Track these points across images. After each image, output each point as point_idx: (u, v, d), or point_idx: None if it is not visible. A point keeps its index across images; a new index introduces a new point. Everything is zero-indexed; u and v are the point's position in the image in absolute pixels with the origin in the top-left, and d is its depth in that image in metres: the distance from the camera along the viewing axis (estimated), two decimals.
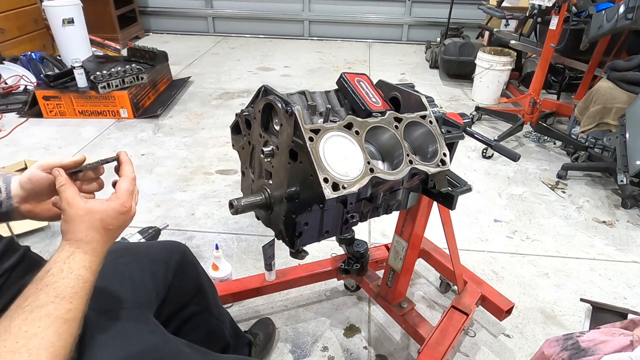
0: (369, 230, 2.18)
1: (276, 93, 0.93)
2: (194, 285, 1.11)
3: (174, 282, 1.03)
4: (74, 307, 0.59)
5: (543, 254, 2.06)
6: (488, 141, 1.17)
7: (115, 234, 0.71)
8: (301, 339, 1.59)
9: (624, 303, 1.78)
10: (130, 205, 0.72)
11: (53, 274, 0.60)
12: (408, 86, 1.14)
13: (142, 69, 3.34)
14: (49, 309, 0.56)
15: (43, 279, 0.60)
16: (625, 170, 2.30)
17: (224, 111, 3.52)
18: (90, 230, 0.66)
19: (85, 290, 0.62)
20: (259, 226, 2.13)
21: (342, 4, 5.64)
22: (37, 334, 0.53)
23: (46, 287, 0.58)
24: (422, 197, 1.21)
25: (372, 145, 1.00)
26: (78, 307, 0.60)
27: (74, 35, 3.88)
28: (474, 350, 1.57)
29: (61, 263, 0.62)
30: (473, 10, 4.97)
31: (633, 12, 2.46)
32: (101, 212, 0.68)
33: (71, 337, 0.58)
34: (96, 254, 0.67)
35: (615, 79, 2.56)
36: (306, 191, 0.88)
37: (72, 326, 0.58)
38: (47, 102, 3.22)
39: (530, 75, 3.54)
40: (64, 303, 0.58)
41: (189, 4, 5.76)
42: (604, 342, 0.97)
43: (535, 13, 3.04)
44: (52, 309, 0.56)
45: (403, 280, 1.44)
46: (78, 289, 0.61)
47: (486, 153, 2.91)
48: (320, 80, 4.30)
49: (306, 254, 1.09)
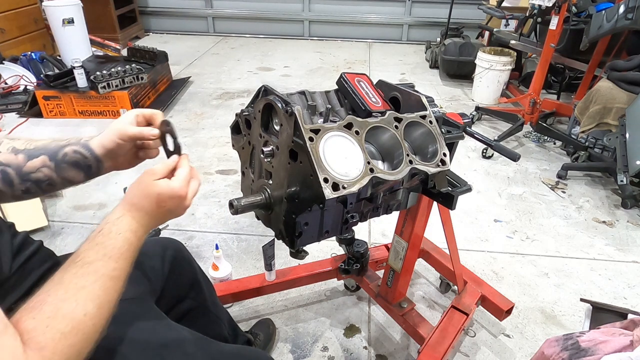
0: (369, 230, 2.18)
1: (276, 93, 0.93)
2: (189, 280, 1.11)
3: (170, 277, 1.04)
4: (119, 267, 0.64)
5: (543, 254, 2.06)
6: (488, 141, 1.17)
7: (165, 215, 0.73)
8: (301, 339, 1.59)
9: (624, 303, 1.78)
10: (186, 193, 0.74)
11: (103, 234, 0.66)
12: (408, 86, 1.14)
13: (142, 69, 3.34)
14: (97, 265, 0.61)
15: (95, 237, 0.65)
16: (625, 170, 2.30)
17: (224, 111, 3.52)
18: (145, 198, 0.70)
19: (130, 252, 0.67)
20: (259, 226, 2.13)
21: (342, 4, 5.64)
22: (85, 286, 0.58)
23: (96, 245, 0.64)
24: (422, 197, 1.21)
25: (372, 145, 1.00)
26: (123, 267, 0.64)
27: (74, 35, 3.87)
28: (474, 350, 1.57)
29: (111, 224, 0.67)
30: (473, 10, 4.96)
31: (633, 12, 2.46)
32: (161, 188, 0.71)
33: (116, 293, 0.63)
34: (142, 223, 0.70)
35: (615, 79, 2.56)
36: (306, 191, 0.88)
37: (116, 283, 0.63)
38: (47, 102, 3.22)
39: (530, 75, 3.54)
40: (110, 262, 0.63)
41: (189, 4, 5.76)
42: (604, 342, 0.97)
43: (535, 13, 3.04)
44: (99, 266, 0.61)
45: (403, 280, 1.44)
46: (124, 250, 0.65)
47: (486, 153, 2.91)
48: (320, 80, 4.30)
49: (306, 254, 1.09)
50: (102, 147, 0.83)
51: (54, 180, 0.84)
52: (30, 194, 0.85)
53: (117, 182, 2.45)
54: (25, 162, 0.82)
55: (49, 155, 0.83)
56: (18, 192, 0.83)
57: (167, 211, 0.73)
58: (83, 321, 0.56)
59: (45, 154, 0.83)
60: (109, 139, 0.82)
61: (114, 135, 0.82)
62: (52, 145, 0.84)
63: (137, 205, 0.70)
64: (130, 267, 0.67)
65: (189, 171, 0.76)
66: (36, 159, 0.82)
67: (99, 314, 0.59)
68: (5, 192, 0.82)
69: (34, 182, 0.83)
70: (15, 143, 0.84)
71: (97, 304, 0.58)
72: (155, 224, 0.73)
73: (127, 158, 0.86)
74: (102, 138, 0.83)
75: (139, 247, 0.69)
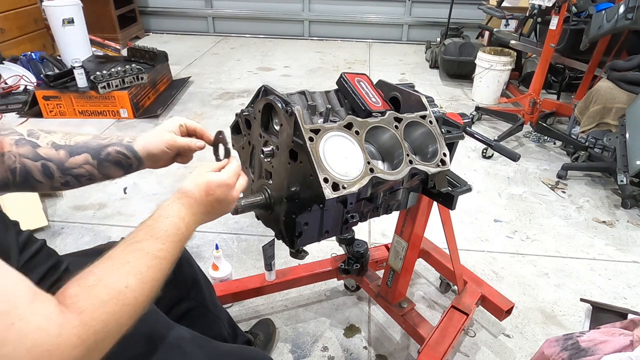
0: (369, 230, 2.18)
1: (276, 93, 0.93)
2: (188, 280, 1.11)
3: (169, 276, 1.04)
4: (165, 248, 0.67)
5: (543, 254, 2.06)
6: (488, 141, 1.17)
7: (213, 206, 0.77)
8: (301, 339, 1.59)
9: (624, 303, 1.78)
10: (234, 183, 0.80)
11: (154, 218, 0.71)
12: (408, 86, 1.14)
13: (142, 69, 3.34)
14: (143, 244, 0.65)
15: (146, 220, 0.71)
16: (625, 170, 2.30)
17: (224, 111, 3.52)
18: (195, 186, 0.76)
19: (178, 237, 0.70)
20: (259, 226, 2.13)
21: (342, 4, 5.64)
22: (129, 262, 0.62)
23: (146, 227, 0.69)
24: (422, 197, 1.21)
25: (372, 145, 1.00)
26: (169, 249, 0.68)
27: (74, 35, 3.87)
28: (474, 350, 1.57)
29: (161, 210, 0.72)
30: (473, 10, 4.96)
31: (633, 12, 2.46)
32: (211, 176, 0.77)
33: (160, 272, 0.66)
34: (192, 210, 0.74)
35: (615, 79, 2.56)
36: (306, 191, 0.88)
37: (161, 263, 0.66)
38: (47, 102, 3.22)
39: (530, 75, 3.54)
40: (156, 242, 0.67)
41: (189, 4, 5.76)
42: (604, 342, 0.97)
43: (535, 13, 3.04)
44: (146, 245, 0.65)
45: (403, 280, 1.44)
46: (170, 233, 0.69)
47: (486, 153, 2.91)
48: (320, 80, 4.30)
49: (306, 254, 1.09)
50: (146, 151, 0.89)
51: (94, 176, 0.90)
52: (68, 186, 0.90)
53: (117, 182, 2.45)
54: (67, 158, 0.87)
55: (92, 154, 0.88)
56: (57, 184, 0.88)
57: (215, 200, 0.77)
58: (123, 292, 0.59)
59: (88, 152, 0.88)
60: (155, 145, 0.89)
61: (162, 144, 0.89)
62: (93, 143, 0.89)
63: (187, 192, 0.75)
64: (177, 251, 0.70)
65: (238, 166, 0.83)
66: (78, 156, 0.87)
67: (140, 289, 0.61)
68: (44, 184, 0.87)
69: (75, 176, 0.88)
70: (54, 137, 0.87)
71: (139, 279, 0.61)
72: (204, 211, 0.76)
73: (165, 162, 0.93)
74: (148, 143, 0.89)
75: (187, 234, 0.73)
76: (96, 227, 2.14)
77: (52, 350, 0.48)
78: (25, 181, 0.86)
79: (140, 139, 0.90)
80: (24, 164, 0.85)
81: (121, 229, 2.11)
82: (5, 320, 0.46)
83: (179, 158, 0.94)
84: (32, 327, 0.48)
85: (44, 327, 0.49)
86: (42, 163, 0.85)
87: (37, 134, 0.88)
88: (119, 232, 2.07)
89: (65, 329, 0.50)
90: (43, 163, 0.85)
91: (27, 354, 0.47)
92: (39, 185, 0.87)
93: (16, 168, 0.84)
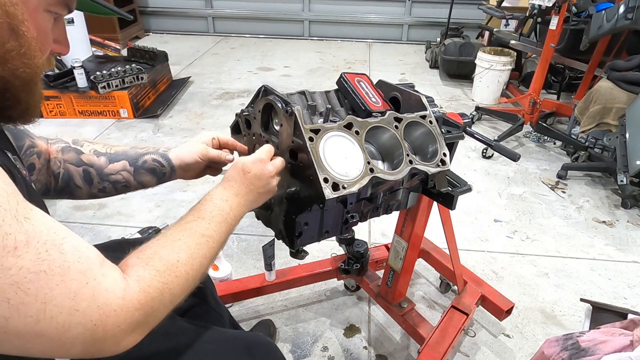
0: (369, 230, 2.18)
1: (276, 93, 0.93)
2: None
3: None
4: (211, 227, 0.73)
5: (543, 254, 2.06)
6: (488, 141, 1.17)
7: (252, 183, 0.83)
8: (301, 339, 1.59)
9: (624, 303, 1.78)
10: (267, 159, 0.86)
11: (201, 202, 0.78)
12: (408, 86, 1.14)
13: (142, 69, 3.34)
14: (192, 224, 0.72)
15: (196, 205, 0.78)
16: (625, 170, 2.30)
17: (224, 111, 3.52)
18: (233, 169, 0.84)
19: (222, 218, 0.76)
20: (259, 226, 2.12)
21: (342, 4, 5.64)
22: (180, 239, 0.68)
23: (194, 210, 0.76)
24: (422, 197, 1.21)
25: (372, 145, 0.99)
26: (215, 228, 0.74)
27: (74, 35, 3.87)
28: (474, 350, 1.57)
29: (208, 194, 0.80)
30: (473, 10, 4.96)
31: (633, 12, 2.46)
32: (245, 158, 0.85)
33: (208, 250, 0.71)
34: (233, 191, 0.81)
35: (615, 79, 2.56)
36: (306, 191, 0.88)
37: (208, 241, 0.72)
38: (47, 102, 3.21)
39: (530, 75, 3.54)
40: (203, 222, 0.73)
41: (189, 4, 5.76)
42: (604, 342, 0.97)
43: (535, 13, 3.04)
44: (194, 225, 0.72)
45: (403, 280, 1.44)
46: (215, 213, 0.76)
47: (486, 153, 2.91)
48: (320, 80, 4.30)
49: (306, 254, 1.09)
50: (180, 160, 0.97)
51: (130, 183, 0.97)
52: (105, 193, 0.96)
53: None
54: (107, 164, 0.94)
55: (130, 161, 0.96)
56: (95, 190, 0.95)
57: (253, 177, 0.82)
58: (176, 265, 0.65)
59: (126, 159, 0.96)
60: (189, 155, 0.96)
61: (196, 154, 0.96)
62: (131, 152, 0.97)
63: (227, 177, 0.84)
64: (224, 231, 0.76)
65: (271, 148, 0.89)
66: (117, 163, 0.95)
67: (190, 263, 0.67)
68: (83, 189, 0.94)
69: (112, 182, 0.95)
70: (96, 146, 0.95)
71: (189, 254, 0.67)
72: (246, 191, 0.82)
73: (196, 172, 1.00)
74: (182, 152, 0.97)
75: (232, 215, 0.79)
76: (96, 227, 2.13)
77: (118, 311, 0.53)
78: (66, 186, 0.92)
79: (175, 149, 0.98)
80: (67, 169, 0.91)
81: (121, 229, 2.11)
82: (82, 279, 0.52)
83: (209, 170, 1.01)
84: (103, 287, 0.53)
85: (112, 289, 0.54)
86: (84, 169, 0.92)
87: (81, 142, 0.95)
88: (118, 232, 2.06)
89: (128, 293, 0.56)
90: (84, 169, 0.92)
91: (98, 311, 0.52)
92: (78, 190, 0.93)
93: (60, 173, 0.91)
